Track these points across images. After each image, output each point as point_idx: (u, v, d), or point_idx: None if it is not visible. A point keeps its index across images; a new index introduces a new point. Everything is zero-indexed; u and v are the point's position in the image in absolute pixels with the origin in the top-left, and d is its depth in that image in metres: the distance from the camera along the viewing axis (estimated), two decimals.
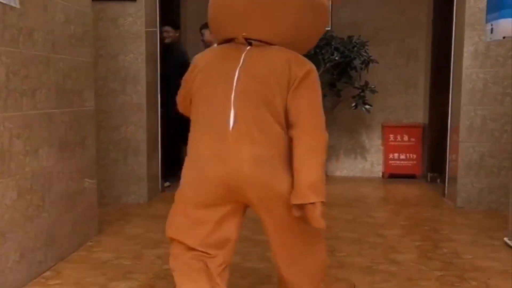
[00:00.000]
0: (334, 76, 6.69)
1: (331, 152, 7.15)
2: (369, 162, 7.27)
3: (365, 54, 6.54)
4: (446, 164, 5.67)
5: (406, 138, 6.93)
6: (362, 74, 6.75)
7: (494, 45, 5.08)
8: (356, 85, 6.68)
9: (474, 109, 5.17)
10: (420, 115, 7.13)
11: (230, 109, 2.26)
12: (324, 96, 4.45)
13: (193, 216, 2.36)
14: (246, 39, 2.36)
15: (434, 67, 6.62)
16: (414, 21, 7.04)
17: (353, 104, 6.69)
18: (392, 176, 6.99)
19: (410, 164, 6.97)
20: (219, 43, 2.50)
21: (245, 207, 2.41)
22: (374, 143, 7.26)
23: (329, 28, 6.86)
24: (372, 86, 6.68)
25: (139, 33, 5.30)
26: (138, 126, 5.39)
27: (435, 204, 5.54)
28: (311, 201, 2.19)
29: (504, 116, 5.12)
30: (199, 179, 2.32)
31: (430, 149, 6.76)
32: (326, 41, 6.47)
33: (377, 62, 6.71)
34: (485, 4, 4.79)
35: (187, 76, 2.46)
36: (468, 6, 5.09)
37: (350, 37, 6.70)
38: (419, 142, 6.93)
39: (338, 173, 7.27)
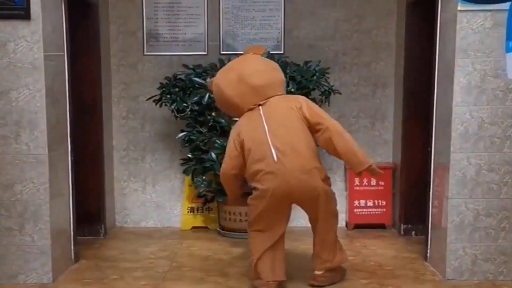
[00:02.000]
0: None
1: None
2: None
3: (325, 83, 5.42)
4: (424, 215, 4.69)
5: (373, 181, 5.84)
6: (322, 107, 5.61)
7: (491, 76, 4.03)
8: None
9: (467, 157, 4.10)
10: (389, 154, 6.06)
11: (272, 149, 3.78)
12: None
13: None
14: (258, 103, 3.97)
15: (407, 97, 5.54)
16: (381, 43, 5.98)
17: None
18: (358, 226, 5.88)
19: (379, 213, 5.89)
20: (240, 115, 4.11)
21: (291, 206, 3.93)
22: (336, 187, 6.11)
23: (281, 52, 5.77)
24: None
25: (36, 62, 4.04)
26: (38, 184, 4.12)
27: (416, 273, 4.43)
28: (370, 164, 3.89)
29: (504, 165, 4.07)
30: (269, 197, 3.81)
31: (402, 195, 5.66)
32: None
33: (340, 93, 5.61)
34: (480, 25, 3.80)
35: (231, 145, 4.02)
36: (459, 27, 4.02)
37: (307, 63, 5.59)
38: (389, 186, 5.85)
39: (294, 224, 6.09)
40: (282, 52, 5.94)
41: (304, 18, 5.97)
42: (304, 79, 5.23)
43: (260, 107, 3.92)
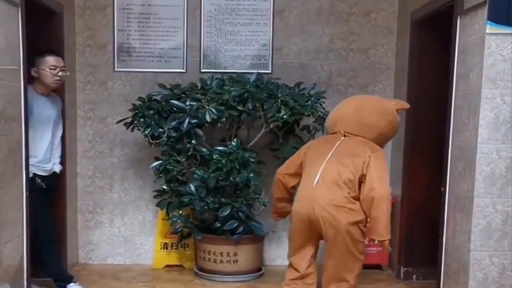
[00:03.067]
0: (279, 140, 4.92)
1: (271, 236, 5.36)
2: (322, 247, 5.50)
3: (321, 109, 4.81)
4: (429, 257, 4.35)
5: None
6: (316, 135, 5.01)
7: None
8: None
9: (493, 202, 3.52)
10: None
11: (318, 174, 3.90)
12: (252, 163, 4.73)
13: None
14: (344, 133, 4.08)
15: (410, 126, 4.95)
16: (380, 63, 5.40)
17: None
18: None
19: (375, 252, 5.26)
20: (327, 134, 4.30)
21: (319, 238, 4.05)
22: None
23: (269, 72, 5.16)
24: None
25: None
26: None
27: None
28: (387, 239, 3.88)
29: None
30: (293, 214, 4.04)
31: (402, 232, 5.04)
32: (269, 92, 4.71)
33: None
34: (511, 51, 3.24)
35: (298, 152, 4.28)
36: (487, 52, 3.44)
37: (299, 85, 4.98)
38: None
39: (279, 262, 5.45)
40: (269, 71, 5.33)
41: (295, 34, 5.38)
42: (298, 105, 4.61)
43: (342, 138, 4.04)
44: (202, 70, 5.34)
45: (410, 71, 4.93)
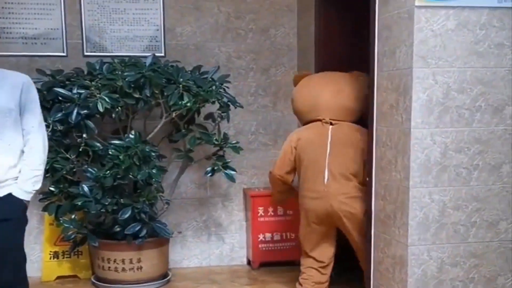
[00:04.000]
0: (183, 130, 4.43)
1: (176, 236, 4.88)
2: (228, 245, 5.11)
3: (227, 95, 4.37)
4: (345, 252, 4.05)
5: (281, 210, 4.90)
6: (221, 124, 4.58)
7: (456, 91, 3.23)
8: (213, 140, 4.46)
9: (429, 192, 3.26)
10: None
11: (325, 170, 3.86)
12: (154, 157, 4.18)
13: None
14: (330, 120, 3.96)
15: None
16: (282, 44, 5.06)
17: (209, 169, 4.49)
18: (264, 264, 4.92)
19: (288, 247, 4.95)
20: (306, 122, 4.13)
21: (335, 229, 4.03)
22: (234, 217, 5.13)
23: (162, 55, 4.64)
24: (234, 142, 4.54)
25: None
26: None
27: None
28: None
29: (471, 201, 3.29)
30: (307, 212, 4.00)
31: None
32: (168, 76, 4.20)
33: (241, 106, 4.58)
34: (441, 25, 3.03)
35: (289, 147, 4.07)
36: (417, 27, 3.16)
37: (199, 68, 4.51)
38: (298, 216, 4.90)
39: (185, 264, 5.00)
40: (162, 54, 4.80)
41: (189, 12, 4.90)
42: (202, 91, 4.13)
43: (330, 126, 3.94)
44: (86, 54, 4.74)
45: (317, 52, 4.61)
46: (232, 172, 4.47)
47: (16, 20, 4.64)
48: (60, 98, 4.06)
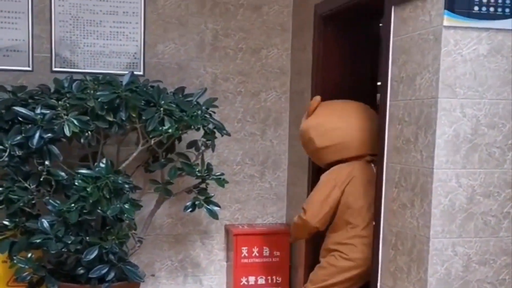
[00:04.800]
0: (163, 159, 3.91)
1: (148, 280, 4.32)
2: None
3: (214, 121, 3.87)
4: None
5: (267, 250, 4.40)
6: (205, 154, 4.07)
7: (486, 126, 2.76)
8: (196, 171, 3.94)
9: (453, 244, 2.77)
10: (283, 212, 4.67)
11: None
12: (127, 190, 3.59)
13: None
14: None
15: None
16: (273, 67, 4.60)
17: (189, 204, 3.97)
18: None
19: None
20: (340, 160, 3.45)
21: None
22: (214, 257, 4.60)
23: (140, 73, 4.15)
24: (218, 173, 4.03)
25: None
26: None
27: None
28: None
29: (499, 255, 2.81)
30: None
31: (307, 269, 4.20)
32: (148, 98, 3.68)
33: (229, 134, 4.08)
34: (472, 50, 2.59)
35: (336, 190, 3.35)
36: (444, 51, 2.69)
37: (182, 90, 4.02)
38: (285, 257, 4.43)
39: None
40: (141, 73, 4.31)
41: (172, 28, 4.44)
42: (186, 115, 3.62)
43: (372, 164, 3.43)
44: (54, 69, 4.23)
45: (315, 76, 4.14)
46: (216, 208, 3.97)
47: None
48: (20, 118, 3.51)
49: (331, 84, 4.08)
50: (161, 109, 3.60)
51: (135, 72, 4.13)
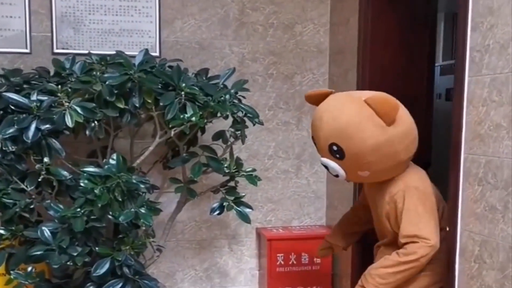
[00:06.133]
0: (185, 154, 3.34)
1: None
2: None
3: (245, 107, 3.28)
4: None
5: (305, 257, 3.88)
6: (234, 147, 3.51)
7: None
8: (224, 167, 3.37)
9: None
10: (322, 212, 4.17)
11: None
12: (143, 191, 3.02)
13: None
14: None
15: None
16: (309, 44, 4.04)
17: (215, 205, 3.39)
18: None
19: None
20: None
21: None
22: (244, 265, 4.06)
23: (156, 54, 3.59)
24: (248, 169, 3.44)
25: None
26: None
27: None
28: None
29: None
30: None
31: (354, 279, 3.66)
32: (166, 80, 3.10)
33: (262, 123, 3.47)
34: None
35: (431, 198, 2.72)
36: None
37: (206, 72, 3.46)
38: (328, 264, 3.94)
39: None
40: (157, 54, 3.75)
41: (192, 1, 3.88)
42: (212, 101, 3.03)
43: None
44: (55, 51, 3.71)
45: (360, 56, 3.55)
46: (247, 210, 3.38)
47: None
48: (13, 107, 2.95)
49: (379, 65, 3.52)
50: (182, 93, 3.02)
51: (152, 54, 3.57)
